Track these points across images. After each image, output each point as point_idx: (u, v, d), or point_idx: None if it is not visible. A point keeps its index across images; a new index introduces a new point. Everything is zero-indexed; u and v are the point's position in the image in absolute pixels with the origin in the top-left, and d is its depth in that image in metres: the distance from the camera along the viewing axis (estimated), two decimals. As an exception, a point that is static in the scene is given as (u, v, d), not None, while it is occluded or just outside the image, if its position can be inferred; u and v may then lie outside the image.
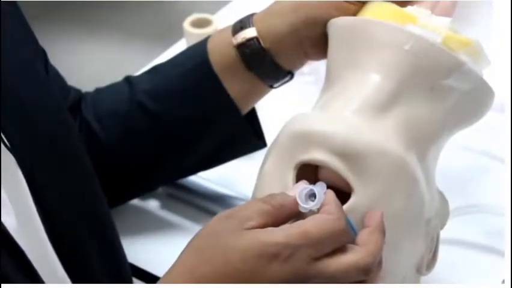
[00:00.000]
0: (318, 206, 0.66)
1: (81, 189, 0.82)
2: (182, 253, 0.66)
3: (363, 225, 0.67)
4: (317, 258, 0.63)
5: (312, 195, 0.66)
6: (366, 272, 0.64)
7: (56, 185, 0.77)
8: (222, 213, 0.67)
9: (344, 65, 0.77)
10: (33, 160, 0.74)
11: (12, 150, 0.71)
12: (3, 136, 0.70)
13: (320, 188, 0.66)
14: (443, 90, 0.75)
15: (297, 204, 0.66)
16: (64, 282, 0.74)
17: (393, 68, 0.74)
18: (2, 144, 0.70)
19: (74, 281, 0.75)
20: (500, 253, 0.92)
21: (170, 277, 0.65)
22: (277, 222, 0.65)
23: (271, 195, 0.66)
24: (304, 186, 0.67)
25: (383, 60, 0.74)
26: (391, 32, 0.75)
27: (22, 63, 0.80)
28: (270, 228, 0.64)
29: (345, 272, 0.63)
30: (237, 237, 0.64)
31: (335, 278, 0.63)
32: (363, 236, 0.66)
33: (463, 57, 0.75)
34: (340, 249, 0.64)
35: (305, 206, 0.65)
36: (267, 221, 0.65)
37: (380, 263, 0.66)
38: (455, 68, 0.74)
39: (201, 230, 0.67)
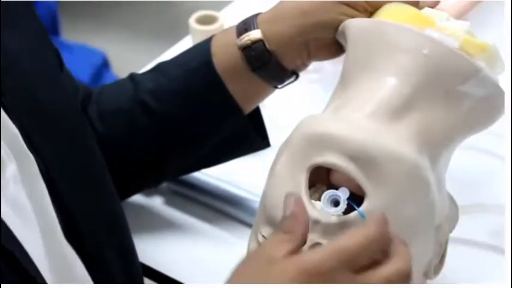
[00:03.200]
0: (340, 212, 0.66)
1: (99, 189, 0.82)
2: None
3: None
4: (356, 272, 0.63)
5: (334, 201, 0.66)
6: (406, 278, 0.64)
7: (75, 187, 0.76)
8: (247, 255, 0.69)
9: (360, 67, 0.76)
10: (53, 161, 0.74)
11: (33, 151, 0.71)
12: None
13: (343, 194, 0.67)
14: (458, 96, 0.74)
15: (305, 212, 0.66)
16: (85, 283, 0.73)
17: (410, 72, 0.73)
18: (25, 146, 0.70)
19: (95, 281, 0.74)
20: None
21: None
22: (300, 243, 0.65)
23: (283, 224, 0.66)
24: (328, 191, 0.67)
25: (400, 64, 0.73)
26: (410, 36, 0.74)
27: (41, 66, 0.80)
28: (305, 250, 0.64)
29: (388, 280, 0.64)
30: (271, 266, 0.63)
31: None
32: (394, 247, 0.66)
33: (480, 63, 0.74)
34: (377, 262, 0.64)
35: (329, 210, 0.65)
36: (295, 245, 0.65)
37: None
38: (472, 74, 0.74)
39: (230, 275, 0.66)
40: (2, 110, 0.68)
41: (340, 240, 0.63)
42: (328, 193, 0.66)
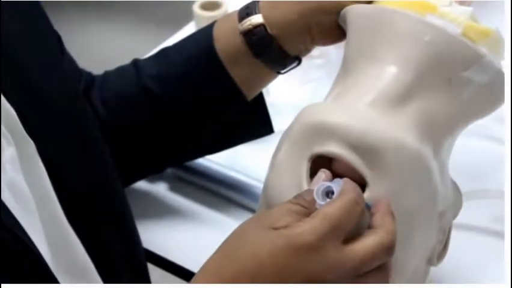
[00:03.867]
0: None
1: (99, 172, 0.82)
2: (211, 256, 0.65)
3: (371, 214, 0.66)
4: (343, 243, 0.62)
5: (330, 192, 0.65)
6: (390, 251, 0.64)
7: (74, 170, 0.76)
8: (253, 216, 0.67)
9: (361, 54, 0.76)
10: (52, 145, 0.74)
11: (32, 135, 0.71)
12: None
13: (336, 184, 0.65)
14: (461, 83, 0.74)
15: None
16: (86, 266, 0.73)
17: (412, 59, 0.72)
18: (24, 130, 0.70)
19: (96, 264, 0.74)
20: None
21: (198, 279, 0.64)
22: None
23: (298, 195, 0.65)
24: (321, 183, 0.66)
25: (402, 51, 0.73)
26: (411, 23, 0.73)
27: (40, 50, 0.80)
28: (293, 223, 0.62)
29: (372, 254, 0.63)
30: (264, 235, 0.62)
31: (366, 263, 0.63)
32: (377, 219, 0.65)
33: (483, 49, 0.74)
34: (359, 235, 0.64)
35: (322, 203, 0.64)
36: (298, 220, 0.63)
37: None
38: (475, 60, 0.73)
39: (231, 233, 0.66)
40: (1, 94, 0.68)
41: (323, 209, 0.63)
42: (321, 186, 0.65)
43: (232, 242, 0.65)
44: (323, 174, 0.69)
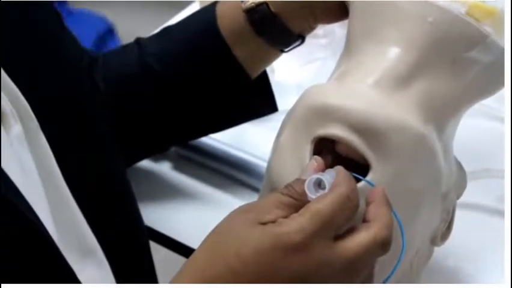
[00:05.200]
0: None
1: (98, 151, 0.82)
2: (196, 250, 0.63)
3: (366, 204, 0.64)
4: (333, 240, 0.60)
5: (322, 182, 0.63)
6: (384, 246, 0.61)
7: (74, 148, 0.76)
8: (241, 207, 0.63)
9: (364, 35, 0.75)
10: (52, 123, 0.73)
11: (34, 113, 0.70)
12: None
13: (329, 176, 0.63)
14: (465, 63, 0.73)
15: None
16: (92, 244, 0.73)
17: (415, 40, 0.72)
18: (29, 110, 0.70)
19: (102, 245, 0.74)
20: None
21: (182, 276, 0.62)
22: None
23: (289, 185, 0.63)
24: (312, 176, 0.63)
25: (405, 32, 0.72)
26: (415, 3, 0.72)
27: (36, 26, 0.79)
28: (281, 220, 0.60)
29: (365, 250, 0.60)
30: (250, 231, 0.60)
31: (358, 260, 0.60)
32: (370, 211, 0.63)
33: (487, 28, 0.73)
34: (353, 229, 0.61)
35: (313, 196, 0.62)
36: (288, 213, 0.61)
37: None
38: (479, 40, 0.72)
39: (217, 224, 0.63)
40: (3, 71, 0.68)
41: (313, 205, 0.60)
42: (312, 179, 0.62)
43: (217, 236, 0.62)
44: (315, 162, 0.67)
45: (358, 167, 0.69)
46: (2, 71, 0.67)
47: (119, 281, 0.76)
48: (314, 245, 0.59)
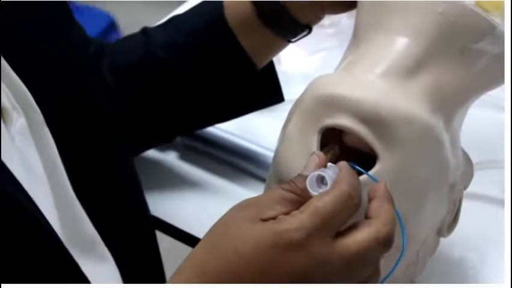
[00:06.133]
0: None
1: (106, 142, 0.81)
2: (196, 246, 0.61)
3: (368, 199, 0.63)
4: (334, 238, 0.59)
5: (324, 180, 0.62)
6: (386, 243, 0.60)
7: (79, 139, 0.76)
8: (242, 202, 0.62)
9: (372, 26, 0.75)
10: (58, 115, 0.73)
11: (39, 105, 0.70)
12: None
13: (331, 172, 0.62)
14: (473, 53, 0.73)
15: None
16: (94, 238, 0.73)
17: (424, 31, 0.72)
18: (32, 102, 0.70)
19: (104, 236, 0.74)
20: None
21: (180, 274, 0.61)
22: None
23: (291, 181, 0.62)
24: (313, 173, 0.62)
25: (414, 22, 0.72)
26: None
27: (45, 16, 0.79)
28: (281, 217, 0.59)
29: (366, 248, 0.59)
30: (250, 227, 0.59)
31: (358, 258, 0.59)
32: (372, 207, 0.61)
33: (496, 19, 0.73)
34: (353, 227, 0.60)
35: (315, 193, 0.61)
36: (290, 209, 0.60)
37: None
38: (488, 31, 0.72)
39: (218, 220, 0.62)
40: (6, 63, 0.68)
41: (313, 202, 0.59)
42: (313, 175, 0.61)
43: (216, 234, 0.61)
44: (316, 158, 0.65)
45: (365, 157, 0.69)
46: (6, 63, 0.67)
47: (124, 272, 0.75)
48: (314, 243, 0.58)
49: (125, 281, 0.76)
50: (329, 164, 0.65)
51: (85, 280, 0.65)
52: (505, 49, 0.73)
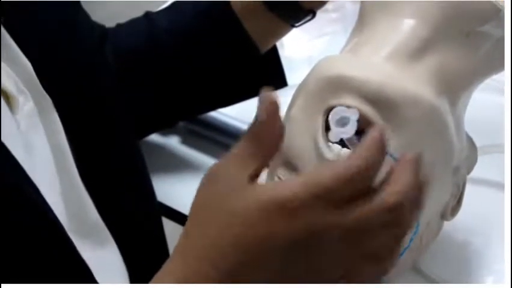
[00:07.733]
0: (350, 134, 0.58)
1: (112, 127, 0.81)
2: (186, 224, 0.57)
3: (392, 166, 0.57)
4: (335, 207, 0.51)
5: (345, 123, 0.58)
6: (392, 212, 0.52)
7: (86, 124, 0.76)
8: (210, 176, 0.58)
9: (378, 8, 0.75)
10: (66, 100, 0.73)
11: (47, 90, 0.70)
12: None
13: (352, 115, 0.58)
14: (478, 37, 0.73)
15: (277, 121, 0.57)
16: (98, 224, 0.73)
17: (430, 13, 0.72)
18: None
19: (107, 222, 0.74)
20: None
21: (176, 258, 0.56)
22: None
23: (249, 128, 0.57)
24: (335, 110, 0.59)
25: (420, 5, 0.72)
26: None
27: (54, 3, 0.79)
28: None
29: (370, 217, 0.52)
30: (239, 193, 0.54)
31: (360, 226, 0.52)
32: (392, 175, 0.53)
33: (501, 2, 0.73)
34: (359, 195, 0.52)
35: (339, 129, 0.57)
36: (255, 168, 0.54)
37: (415, 206, 0.54)
38: (493, 14, 0.72)
39: (202, 179, 0.58)
40: (18, 48, 0.68)
41: (314, 172, 0.52)
42: (336, 115, 0.58)
43: (202, 202, 0.58)
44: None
45: None
46: (18, 48, 0.67)
47: (129, 258, 0.75)
48: (307, 211, 0.51)
49: (129, 266, 0.76)
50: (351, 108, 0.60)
51: (83, 264, 0.65)
52: (505, 46, 0.73)
